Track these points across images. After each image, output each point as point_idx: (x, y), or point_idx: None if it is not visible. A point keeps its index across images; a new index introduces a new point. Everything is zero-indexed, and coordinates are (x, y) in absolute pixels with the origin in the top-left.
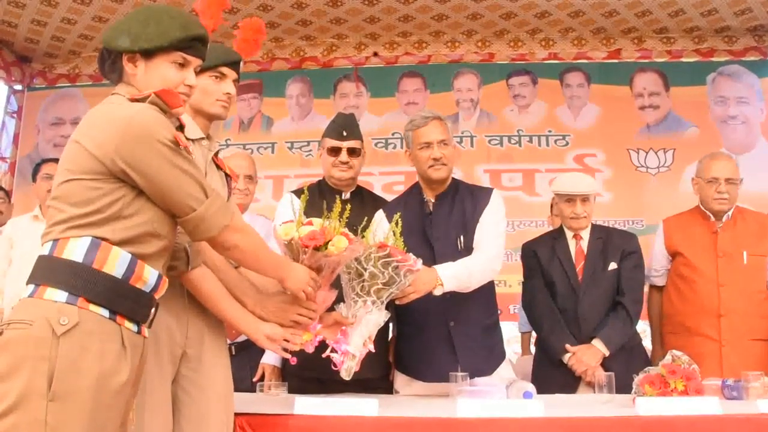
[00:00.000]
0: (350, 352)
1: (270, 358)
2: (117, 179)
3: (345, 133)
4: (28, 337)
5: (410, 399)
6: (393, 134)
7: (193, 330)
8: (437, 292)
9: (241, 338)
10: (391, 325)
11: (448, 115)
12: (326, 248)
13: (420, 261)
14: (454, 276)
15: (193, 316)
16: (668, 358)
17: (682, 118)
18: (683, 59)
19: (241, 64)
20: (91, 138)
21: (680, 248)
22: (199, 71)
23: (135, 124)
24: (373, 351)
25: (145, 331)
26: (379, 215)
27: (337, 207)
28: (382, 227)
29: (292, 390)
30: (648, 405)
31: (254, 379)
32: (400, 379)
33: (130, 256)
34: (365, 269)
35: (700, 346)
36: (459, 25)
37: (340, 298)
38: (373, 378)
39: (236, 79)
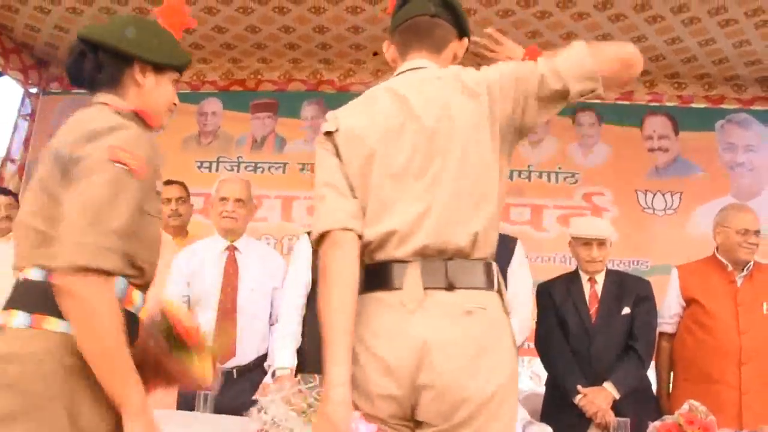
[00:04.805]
0: None
1: (285, 361)
2: None
3: None
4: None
5: None
6: None
7: None
8: None
9: (243, 361)
10: None
11: None
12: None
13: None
14: None
15: None
16: (685, 407)
17: (690, 161)
18: (693, 104)
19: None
20: None
21: (696, 296)
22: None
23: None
24: None
25: None
26: None
27: None
28: None
29: None
30: None
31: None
32: None
33: None
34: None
35: (719, 394)
36: (475, 56)
37: None
38: None
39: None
